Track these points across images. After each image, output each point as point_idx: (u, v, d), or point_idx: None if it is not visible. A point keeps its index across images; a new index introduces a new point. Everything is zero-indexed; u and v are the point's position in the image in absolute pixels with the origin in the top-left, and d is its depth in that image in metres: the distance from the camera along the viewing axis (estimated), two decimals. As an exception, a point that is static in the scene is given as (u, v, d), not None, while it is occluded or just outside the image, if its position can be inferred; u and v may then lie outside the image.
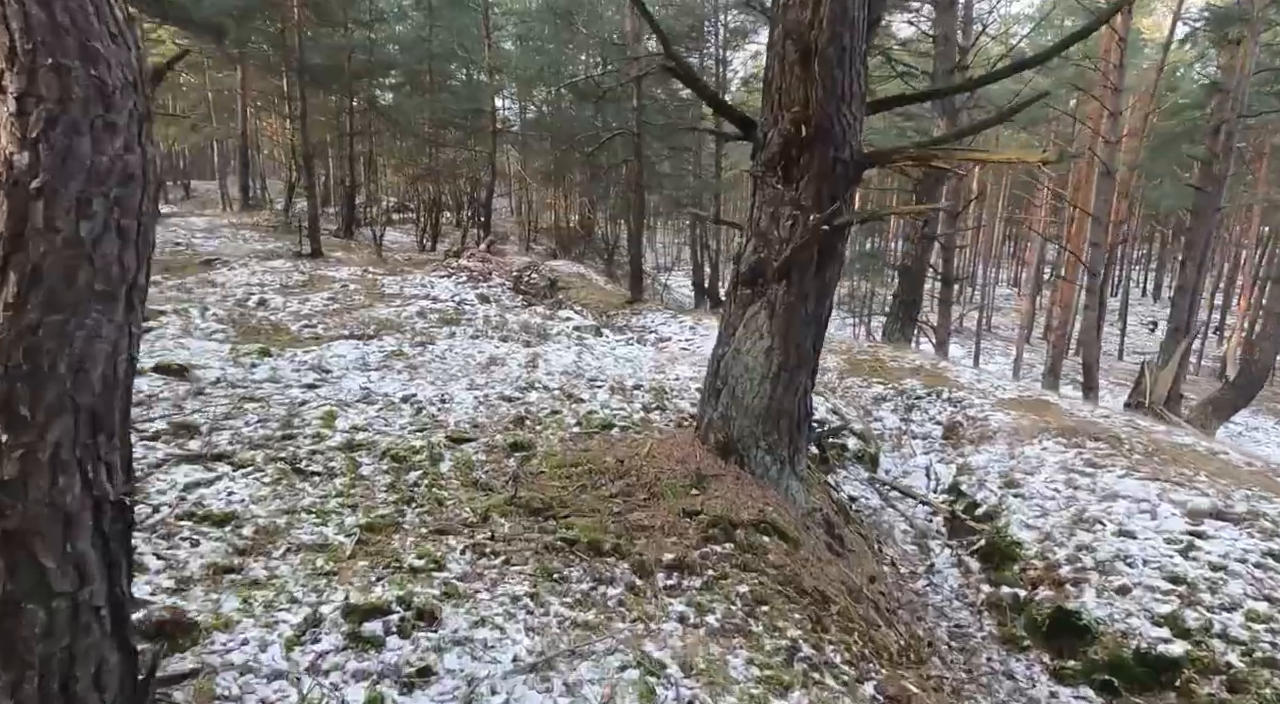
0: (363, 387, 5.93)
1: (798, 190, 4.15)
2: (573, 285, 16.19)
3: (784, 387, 4.51)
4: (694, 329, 11.91)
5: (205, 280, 10.39)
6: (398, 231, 29.19)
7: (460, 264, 12.13)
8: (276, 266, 11.50)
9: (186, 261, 12.26)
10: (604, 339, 9.51)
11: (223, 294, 8.98)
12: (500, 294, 11.10)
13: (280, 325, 7.59)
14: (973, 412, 7.95)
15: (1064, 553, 4.50)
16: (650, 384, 6.99)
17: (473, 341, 8.03)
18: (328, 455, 4.48)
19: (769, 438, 4.59)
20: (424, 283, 10.92)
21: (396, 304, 9.36)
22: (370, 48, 21.69)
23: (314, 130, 31.65)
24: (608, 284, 19.45)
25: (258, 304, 8.73)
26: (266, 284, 9.86)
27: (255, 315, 7.76)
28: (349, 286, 10.19)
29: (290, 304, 8.79)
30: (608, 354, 8.66)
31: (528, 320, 9.51)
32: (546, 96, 30.27)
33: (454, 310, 9.45)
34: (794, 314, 4.38)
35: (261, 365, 5.99)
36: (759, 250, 4.42)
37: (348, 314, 8.53)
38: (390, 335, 7.65)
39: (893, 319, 13.68)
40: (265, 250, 14.13)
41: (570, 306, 11.93)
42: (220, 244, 17.10)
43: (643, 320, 13.03)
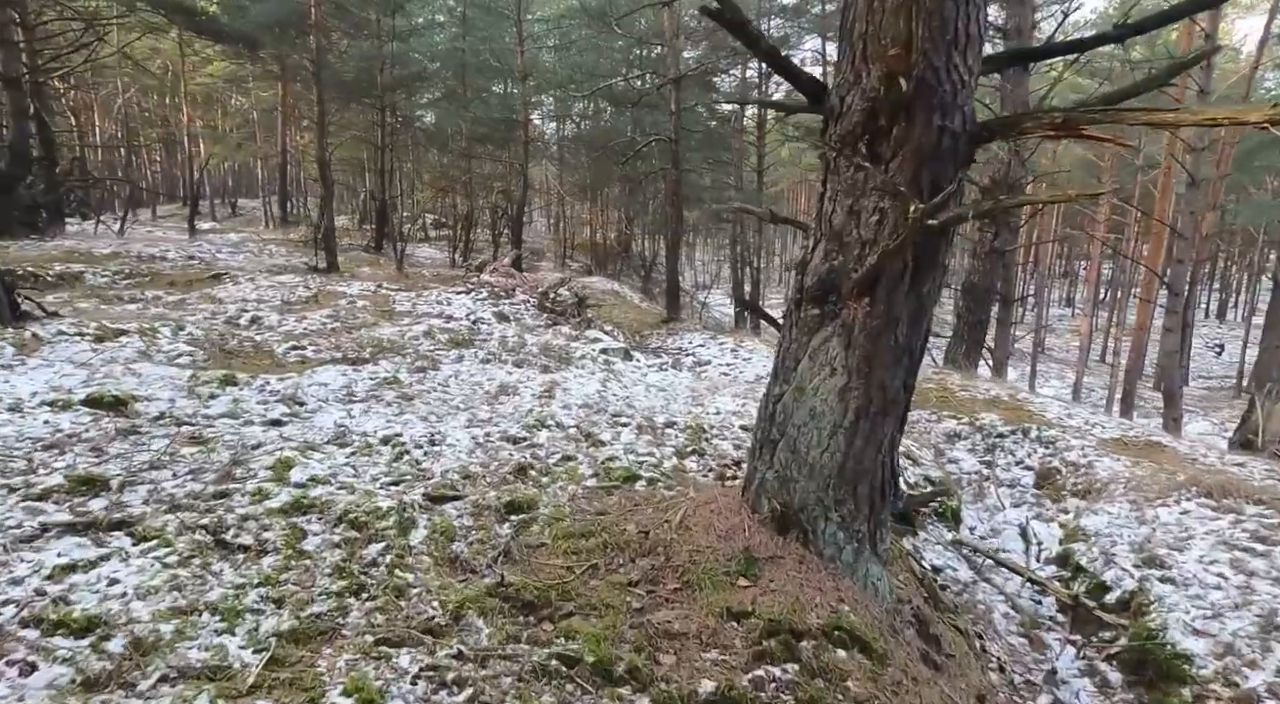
0: (338, 424, 4.93)
1: (888, 173, 3.02)
2: (604, 303, 15.19)
3: (864, 439, 3.35)
4: (735, 352, 10.76)
5: (206, 296, 9.61)
6: (433, 248, 28.67)
7: (481, 280, 11.21)
8: (285, 281, 10.70)
9: (196, 276, 11.56)
10: (634, 364, 8.42)
11: (214, 311, 8.14)
12: (522, 313, 10.11)
13: (264, 347, 6.67)
14: (1072, 456, 6.64)
15: (1262, 680, 3.23)
16: (686, 421, 5.86)
17: (482, 367, 7.01)
18: (264, 521, 3.45)
19: (842, 508, 3.43)
20: (439, 300, 10.00)
21: (404, 323, 8.42)
22: (403, 60, 21.20)
23: (349, 145, 31.54)
24: (643, 302, 18.43)
25: (250, 322, 7.86)
26: (266, 300, 9.02)
27: (240, 335, 6.86)
28: (356, 303, 9.30)
29: (285, 322, 7.91)
30: (637, 382, 7.56)
31: (549, 342, 8.48)
32: (583, 109, 29.61)
33: (467, 330, 8.47)
34: (879, 342, 3.24)
35: (222, 397, 5.03)
36: (831, 256, 3.29)
37: (346, 334, 7.60)
38: (387, 359, 6.67)
39: (956, 341, 12.32)
40: (280, 265, 13.42)
41: (599, 326, 10.89)
42: (243, 259, 16.54)
43: (679, 342, 11.92)
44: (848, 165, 3.18)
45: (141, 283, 10.92)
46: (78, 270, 10.51)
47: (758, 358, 10.38)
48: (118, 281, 10.69)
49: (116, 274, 10.94)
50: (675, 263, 13.43)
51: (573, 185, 32.30)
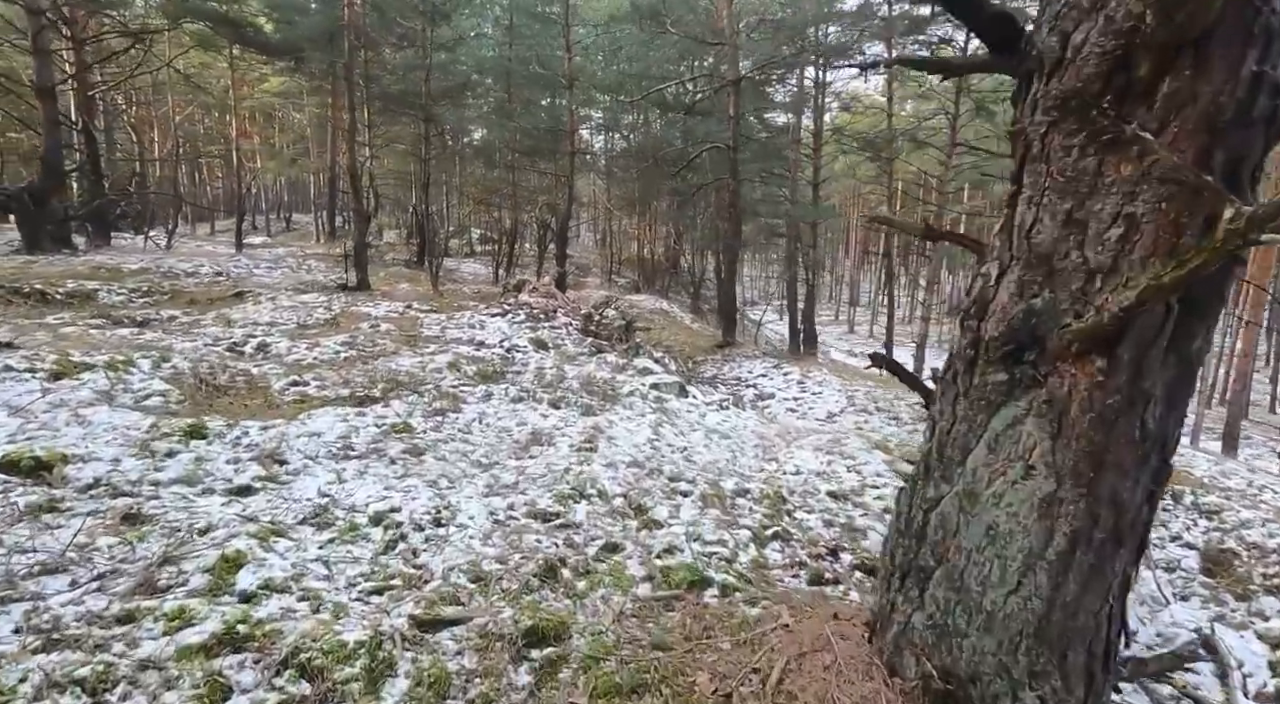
0: (322, 492, 3.87)
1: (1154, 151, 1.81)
2: (654, 325, 14.05)
3: (1081, 581, 2.12)
4: (802, 385, 9.48)
5: (221, 316, 8.78)
6: (477, 263, 27.98)
7: (520, 301, 10.18)
8: (307, 301, 9.84)
9: (218, 294, 10.81)
10: (690, 402, 7.23)
11: (219, 335, 7.24)
12: (563, 338, 9.03)
13: (259, 382, 5.69)
14: (1254, 535, 5.23)
15: None
16: (760, 485, 4.66)
17: (513, 408, 5.91)
18: (171, 672, 2.37)
19: (1042, 684, 2.19)
20: (472, 323, 8.98)
21: (429, 351, 7.39)
22: (449, 70, 20.58)
23: (398, 159, 31.22)
24: (694, 322, 17.26)
25: (255, 350, 6.93)
26: (279, 323, 8.12)
27: (235, 367, 5.90)
28: (379, 327, 8.33)
29: (295, 350, 6.95)
30: (695, 425, 6.37)
31: (593, 373, 7.36)
32: (632, 121, 28.70)
33: (499, 360, 7.40)
34: (1115, 430, 2.01)
35: (182, 454, 4.01)
36: (1031, 291, 2.08)
37: (360, 365, 6.60)
38: (401, 399, 5.62)
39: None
40: (310, 282, 12.64)
41: (649, 353, 9.74)
42: (280, 275, 15.93)
43: (736, 369, 10.69)
44: (1068, 146, 1.98)
45: (159, 301, 10.19)
46: (91, 288, 9.83)
47: (828, 392, 9.10)
48: (133, 299, 9.98)
49: (134, 292, 10.24)
50: (732, 282, 12.23)
51: (620, 199, 31.38)
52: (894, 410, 8.60)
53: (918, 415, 8.48)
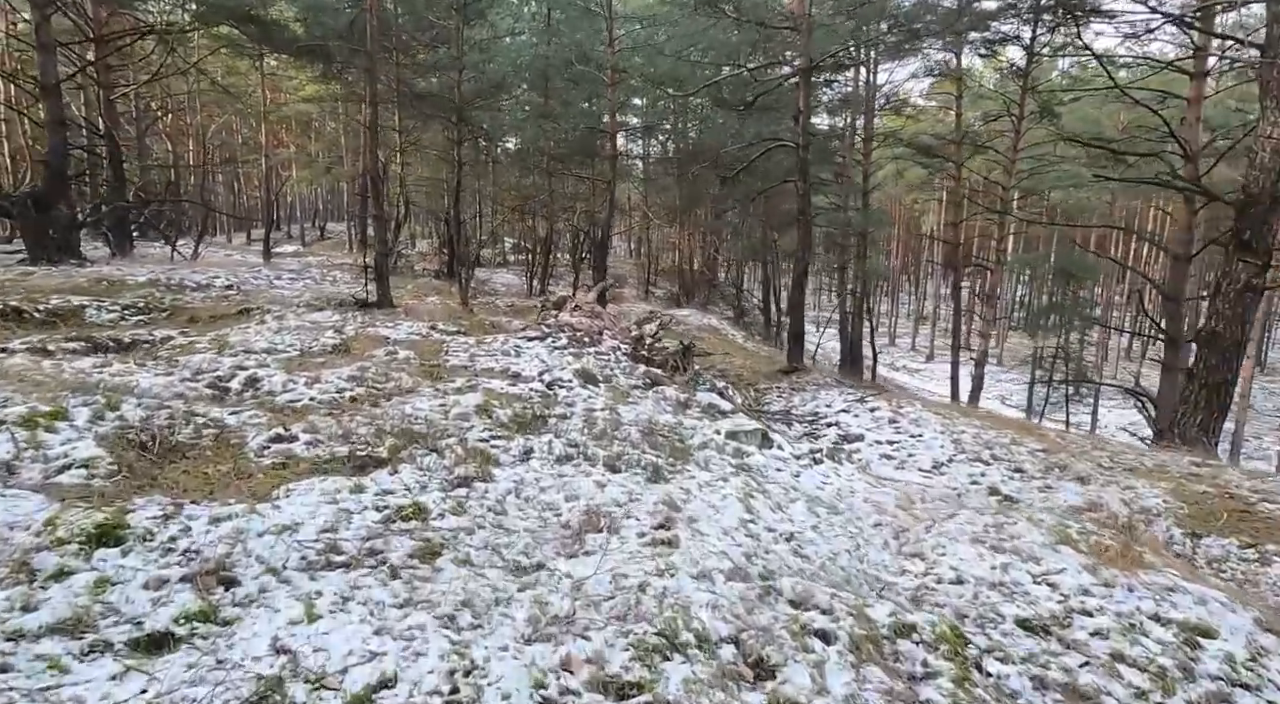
0: (278, 645, 2.50)
1: None
2: (705, 344, 12.60)
3: None
4: (895, 424, 7.95)
5: (217, 339, 7.55)
6: (511, 273, 26.82)
7: (561, 321, 8.82)
8: (319, 321, 8.59)
9: (223, 311, 9.64)
10: (775, 454, 5.78)
11: (203, 365, 5.97)
12: (613, 367, 7.64)
13: (231, 437, 4.38)
14: None
15: None
16: (927, 616, 3.19)
17: (558, 471, 4.52)
18: None
19: None
20: (506, 349, 7.64)
21: (454, 386, 6.05)
22: (483, 71, 19.45)
23: (431, 165, 30.24)
24: (747, 342, 15.81)
25: (242, 386, 5.64)
26: (279, 349, 6.84)
27: (203, 416, 4.60)
28: (397, 354, 7.02)
29: (291, 386, 5.66)
30: (792, 492, 4.92)
31: (653, 418, 5.95)
32: (674, 123, 27.34)
33: (539, 400, 6.03)
34: None
35: (77, 575, 2.68)
36: None
37: (367, 408, 5.27)
38: (414, 462, 4.27)
39: (1189, 410, 9.12)
40: (327, 297, 11.45)
41: (711, 381, 8.31)
42: (301, 287, 14.85)
43: (811, 403, 9.20)
44: None
45: (154, 320, 9.04)
46: (79, 304, 8.70)
47: (929, 433, 7.57)
48: (125, 318, 8.84)
49: (128, 309, 9.11)
50: (801, 300, 10.73)
51: (659, 206, 30.02)
52: (1014, 459, 7.05)
53: (1045, 465, 6.92)
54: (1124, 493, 6.25)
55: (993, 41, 21.52)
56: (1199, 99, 17.46)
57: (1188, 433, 8.96)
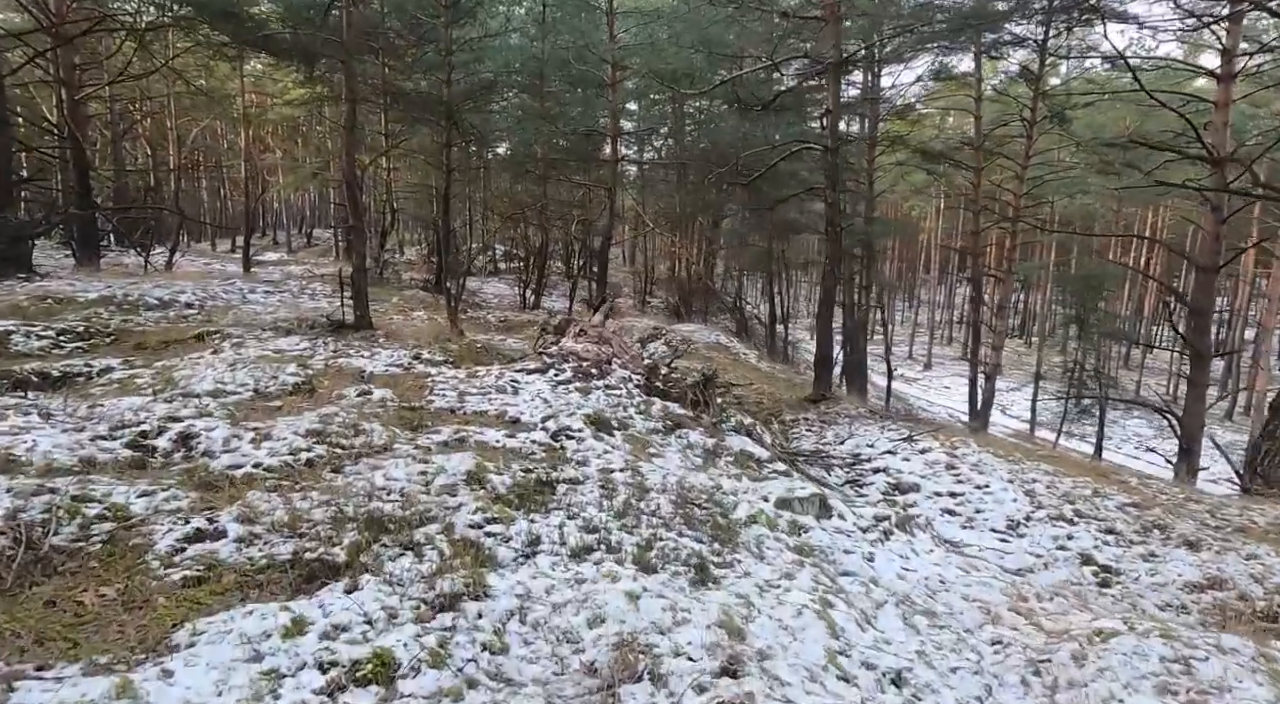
0: None
1: None
2: (717, 364, 11.48)
3: None
4: (954, 470, 6.84)
5: (161, 373, 6.40)
6: (502, 282, 25.61)
7: (565, 348, 7.69)
8: (283, 348, 7.44)
9: (177, 335, 8.46)
10: (837, 526, 4.68)
11: (124, 418, 4.81)
12: (626, 404, 6.52)
13: (132, 533, 3.25)
14: None
15: None
16: None
17: (575, 574, 3.41)
18: None
19: None
20: (502, 384, 6.51)
21: (438, 442, 4.92)
22: (473, 71, 18.35)
23: (418, 170, 29.07)
24: (760, 361, 14.71)
25: (173, 445, 4.50)
26: (229, 389, 5.69)
27: (103, 501, 3.46)
28: (371, 394, 5.88)
29: (236, 443, 4.51)
30: (876, 589, 3.81)
31: (684, 479, 4.84)
32: (673, 126, 26.31)
33: (544, 458, 4.91)
34: None
35: None
36: None
37: (326, 477, 4.14)
38: (379, 572, 3.14)
39: (1275, 450, 8.07)
40: (300, 316, 10.29)
41: (738, 419, 7.19)
42: (275, 302, 13.68)
43: (848, 439, 8.09)
44: None
45: (96, 346, 7.87)
46: (5, 330, 7.51)
47: (995, 482, 6.48)
48: (61, 345, 7.65)
49: (65, 334, 7.92)
50: (829, 321, 9.63)
51: (656, 213, 28.93)
52: (1101, 516, 5.98)
53: (1140, 524, 5.85)
54: (1247, 562, 5.19)
55: (1004, 43, 20.62)
56: (1227, 103, 16.53)
57: (1272, 474, 7.92)
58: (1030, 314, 51.79)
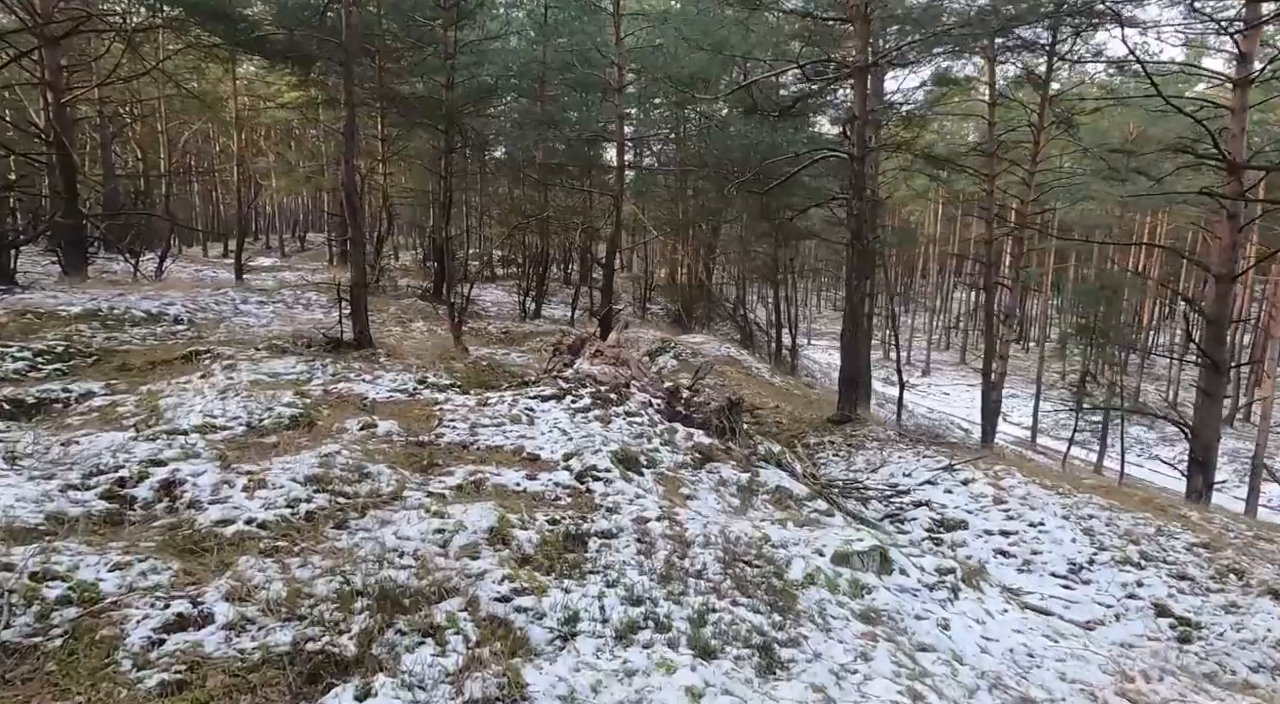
0: None
1: None
2: (729, 379, 11.02)
3: None
4: (1003, 504, 6.36)
5: (145, 402, 5.89)
6: (500, 288, 25.08)
7: (580, 370, 7.19)
8: (279, 371, 6.92)
9: (165, 355, 7.93)
10: (901, 584, 4.19)
11: (100, 460, 4.30)
12: (649, 433, 6.03)
13: (100, 622, 2.73)
14: None
15: None
16: None
17: (623, 663, 2.90)
18: None
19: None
20: (515, 413, 6.01)
21: (452, 486, 4.42)
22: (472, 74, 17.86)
23: (414, 175, 28.55)
24: (774, 376, 14.23)
25: (155, 493, 4.00)
26: (217, 424, 5.17)
27: (69, 579, 2.95)
28: (375, 429, 5.37)
29: (227, 492, 4.01)
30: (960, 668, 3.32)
31: (727, 529, 4.35)
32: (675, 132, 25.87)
33: (571, 505, 4.41)
34: None
35: None
36: None
37: (330, 534, 3.64)
38: (394, 670, 2.64)
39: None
40: (295, 331, 9.76)
41: (767, 449, 6.71)
42: (269, 314, 13.15)
43: (880, 466, 7.61)
44: None
45: (76, 368, 7.33)
46: (-24, 352, 6.99)
47: (1049, 519, 6.00)
48: (38, 367, 7.11)
49: (44, 355, 7.38)
50: (855, 338, 9.15)
51: (657, 219, 28.46)
52: (1171, 558, 5.51)
53: (1214, 567, 5.39)
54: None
55: (1011, 48, 20.26)
56: (1243, 108, 16.17)
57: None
58: (1029, 320, 51.48)
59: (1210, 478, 15.41)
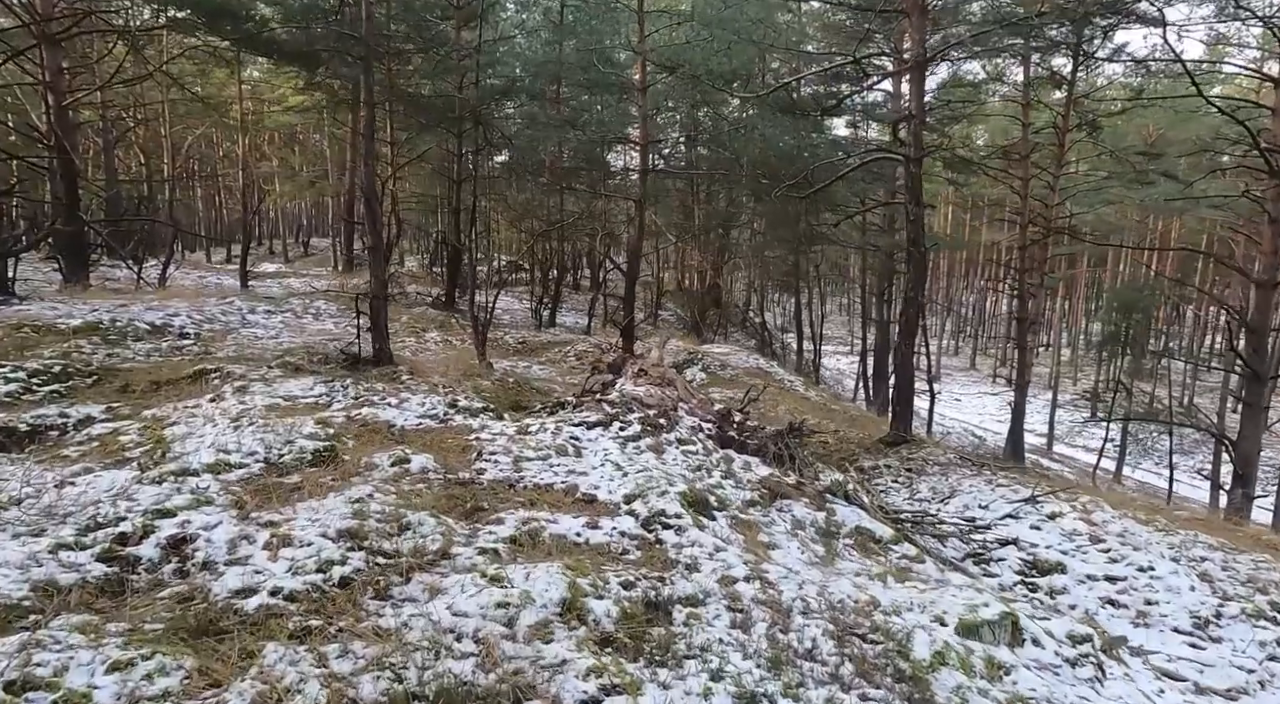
0: None
1: None
2: (762, 393, 10.39)
3: None
4: (1101, 544, 5.71)
5: (150, 430, 5.29)
6: (509, 296, 24.51)
7: (625, 392, 6.58)
8: (295, 395, 6.32)
9: (170, 374, 7.34)
10: (1036, 655, 3.58)
11: (99, 510, 3.70)
12: (708, 467, 5.42)
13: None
14: None
15: None
16: None
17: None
18: None
19: None
20: (560, 443, 5.40)
21: (505, 538, 3.81)
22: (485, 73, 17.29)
23: (422, 180, 27.98)
24: (808, 389, 13.61)
25: (162, 554, 3.40)
26: (231, 462, 4.56)
27: (43, 697, 2.33)
28: (409, 465, 4.76)
29: (246, 551, 3.41)
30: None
31: (824, 589, 3.73)
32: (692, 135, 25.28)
33: (645, 565, 3.80)
34: None
35: None
36: None
37: (370, 608, 3.03)
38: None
39: None
40: (309, 344, 9.17)
41: (832, 477, 6.10)
42: (278, 325, 12.56)
43: (951, 496, 6.98)
44: None
45: (76, 389, 6.74)
46: (-34, 372, 6.40)
47: (1161, 563, 5.36)
48: (34, 388, 6.52)
49: (39, 375, 6.78)
50: (913, 355, 8.55)
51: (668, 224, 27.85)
52: (1305, 609, 4.88)
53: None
54: None
55: (1038, 48, 19.67)
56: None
57: None
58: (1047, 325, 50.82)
59: (1251, 491, 14.76)
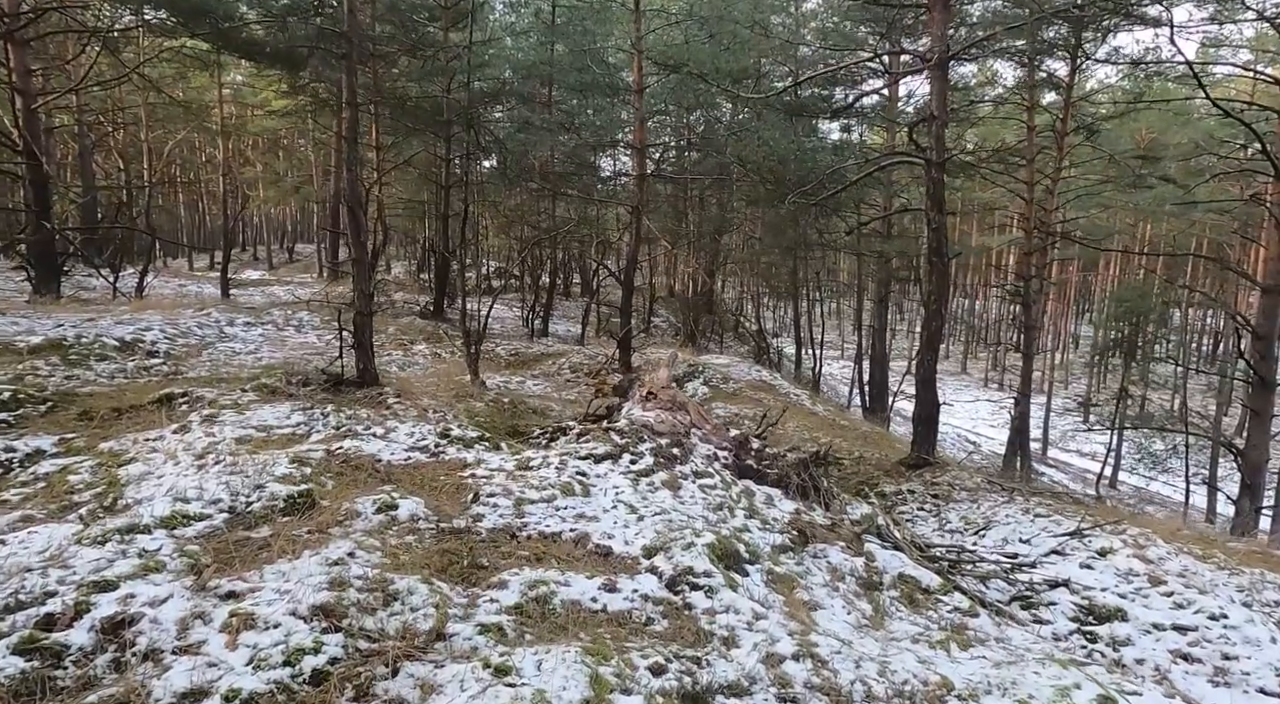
0: None
1: None
2: (769, 408, 9.86)
3: None
4: (1163, 587, 5.20)
5: (104, 466, 4.69)
6: (499, 303, 23.90)
7: (634, 418, 6.02)
8: (270, 424, 5.71)
9: (134, 398, 6.71)
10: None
11: (23, 581, 3.10)
12: (730, 505, 4.86)
13: None
14: None
15: None
16: None
17: None
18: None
19: None
20: (566, 480, 4.83)
21: (508, 607, 3.24)
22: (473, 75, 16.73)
23: (408, 185, 27.33)
24: (814, 403, 13.08)
25: (96, 641, 2.81)
26: (190, 513, 3.97)
27: None
28: (397, 514, 4.17)
29: (199, 635, 2.82)
30: None
31: (886, 667, 3.18)
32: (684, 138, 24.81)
33: (674, 639, 3.24)
34: None
35: None
36: None
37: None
38: None
39: None
40: (289, 361, 8.55)
41: (853, 507, 5.56)
42: (256, 339, 11.93)
43: (986, 528, 6.45)
44: None
45: (28, 417, 6.10)
46: (-100, 402, 5.76)
47: (1233, 608, 4.84)
48: (-25, 419, 5.89)
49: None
50: (934, 371, 8.04)
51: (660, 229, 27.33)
52: (1395, 662, 4.38)
53: None
54: None
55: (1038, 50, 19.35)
56: (1293, 111, 15.24)
57: None
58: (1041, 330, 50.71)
59: (1259, 501, 14.38)
